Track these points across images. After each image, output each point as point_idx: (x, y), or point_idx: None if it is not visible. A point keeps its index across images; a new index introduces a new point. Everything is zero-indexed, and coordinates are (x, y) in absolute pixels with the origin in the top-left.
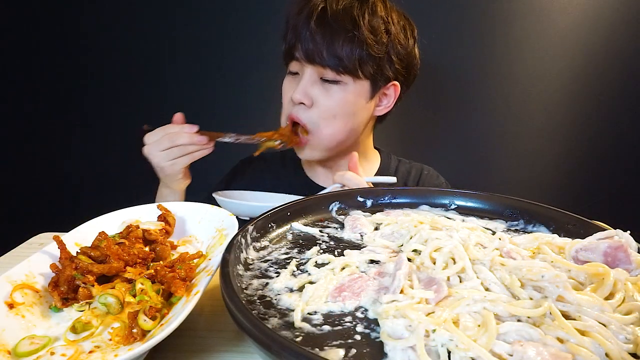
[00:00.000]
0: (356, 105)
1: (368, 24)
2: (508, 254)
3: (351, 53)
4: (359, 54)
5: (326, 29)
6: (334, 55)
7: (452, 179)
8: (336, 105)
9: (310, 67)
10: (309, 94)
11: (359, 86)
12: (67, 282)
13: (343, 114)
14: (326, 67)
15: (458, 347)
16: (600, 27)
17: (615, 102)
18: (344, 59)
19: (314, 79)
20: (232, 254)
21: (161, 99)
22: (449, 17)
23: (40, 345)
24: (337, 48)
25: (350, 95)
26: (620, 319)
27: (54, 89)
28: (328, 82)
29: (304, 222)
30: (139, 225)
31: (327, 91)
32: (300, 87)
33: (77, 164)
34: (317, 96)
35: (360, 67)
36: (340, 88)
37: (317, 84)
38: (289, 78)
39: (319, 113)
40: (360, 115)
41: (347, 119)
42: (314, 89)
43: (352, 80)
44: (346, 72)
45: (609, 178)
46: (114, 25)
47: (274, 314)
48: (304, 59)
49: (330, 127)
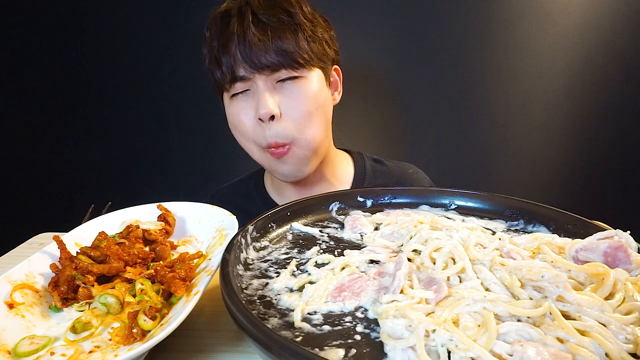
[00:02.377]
0: (322, 94)
1: (301, 12)
2: (508, 254)
3: (298, 43)
4: (305, 41)
5: (265, 29)
6: (284, 52)
7: (452, 179)
8: (307, 103)
9: (262, 76)
10: (275, 103)
11: (315, 75)
12: (67, 282)
13: (316, 107)
14: (280, 68)
15: (458, 347)
16: (600, 27)
17: (615, 102)
18: (295, 51)
19: (270, 86)
20: (232, 254)
21: (161, 99)
22: (449, 17)
23: (40, 345)
24: (284, 44)
25: (314, 86)
26: (620, 319)
27: (54, 89)
28: (285, 82)
29: (304, 222)
30: (139, 225)
31: (290, 92)
32: (262, 101)
33: (77, 164)
34: (284, 102)
35: (311, 54)
36: (300, 83)
37: (275, 90)
38: (238, 100)
39: (293, 120)
40: (328, 106)
41: (320, 114)
42: (275, 97)
43: (307, 71)
44: (301, 65)
45: (609, 178)
46: (114, 25)
47: (274, 314)
48: (252, 70)
49: (311, 127)
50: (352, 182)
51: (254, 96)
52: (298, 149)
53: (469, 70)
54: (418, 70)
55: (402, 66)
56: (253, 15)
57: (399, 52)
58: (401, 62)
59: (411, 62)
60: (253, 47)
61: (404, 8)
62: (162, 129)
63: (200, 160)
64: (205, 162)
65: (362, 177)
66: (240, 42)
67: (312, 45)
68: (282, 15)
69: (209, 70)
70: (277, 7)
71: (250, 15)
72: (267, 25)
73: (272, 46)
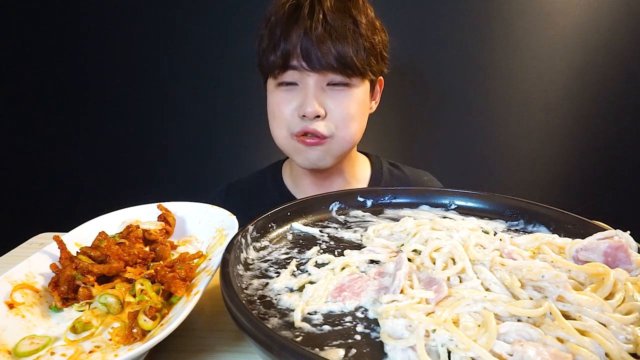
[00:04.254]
0: (365, 106)
1: (366, 21)
2: (509, 254)
3: (358, 53)
4: (365, 53)
5: (331, 32)
6: (342, 58)
7: (452, 179)
8: (351, 109)
9: (315, 75)
10: (322, 104)
11: (363, 87)
12: (67, 282)
13: (359, 115)
14: (336, 71)
15: (458, 347)
16: (600, 27)
17: (615, 102)
18: (353, 60)
19: (321, 86)
20: (232, 254)
21: (161, 99)
22: (449, 17)
23: (40, 345)
24: (344, 50)
25: (361, 95)
26: (620, 319)
27: (54, 88)
28: (335, 85)
29: (304, 222)
30: (139, 225)
31: (339, 97)
32: (310, 100)
33: (77, 164)
34: (328, 104)
35: (368, 65)
36: (350, 90)
37: (326, 91)
38: (282, 91)
39: (335, 122)
40: (367, 115)
41: (361, 120)
42: (324, 98)
43: (359, 81)
44: (356, 74)
45: (608, 178)
46: (114, 25)
47: (274, 314)
48: (307, 67)
49: (349, 129)
50: (369, 183)
51: (301, 92)
52: (333, 144)
53: (468, 70)
54: (417, 70)
55: (401, 66)
56: (323, 15)
57: (398, 52)
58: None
59: (410, 62)
60: (316, 45)
61: (403, 8)
62: (163, 128)
63: (200, 161)
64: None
65: (379, 180)
66: (306, 37)
67: (370, 58)
68: (349, 22)
69: (263, 52)
70: (347, 13)
71: (320, 14)
72: (334, 28)
73: (334, 50)
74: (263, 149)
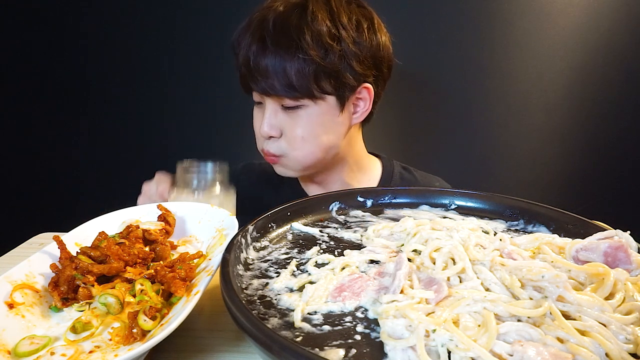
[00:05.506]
0: (325, 124)
1: (311, 40)
2: (509, 254)
3: (302, 75)
4: (311, 75)
5: (270, 56)
6: (286, 83)
7: (452, 179)
8: (303, 131)
9: (269, 99)
10: (275, 125)
11: (323, 104)
12: (67, 282)
13: (312, 136)
14: (282, 97)
15: (458, 347)
16: (600, 27)
17: (615, 102)
18: (296, 84)
19: (275, 108)
20: (232, 254)
21: (161, 99)
22: (449, 17)
23: (40, 345)
24: (286, 75)
25: (316, 116)
26: (620, 319)
27: (54, 88)
28: (290, 109)
29: (304, 222)
30: (139, 225)
31: (292, 118)
32: (265, 122)
33: (77, 164)
34: (283, 126)
35: (316, 87)
36: (304, 112)
37: (280, 113)
38: (256, 108)
39: (287, 141)
40: (336, 130)
41: (318, 140)
42: (278, 120)
43: (312, 102)
44: (304, 97)
45: (608, 178)
46: (114, 25)
47: (274, 314)
48: (257, 90)
49: (301, 150)
50: (378, 185)
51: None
52: (287, 162)
53: (468, 71)
54: (417, 70)
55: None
56: (261, 38)
57: (397, 53)
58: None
59: (410, 62)
60: (258, 73)
61: (403, 8)
62: (163, 128)
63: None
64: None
65: (388, 183)
66: (247, 63)
67: (321, 78)
68: (289, 46)
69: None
70: (287, 36)
71: (258, 38)
72: (272, 51)
73: (274, 74)
74: None
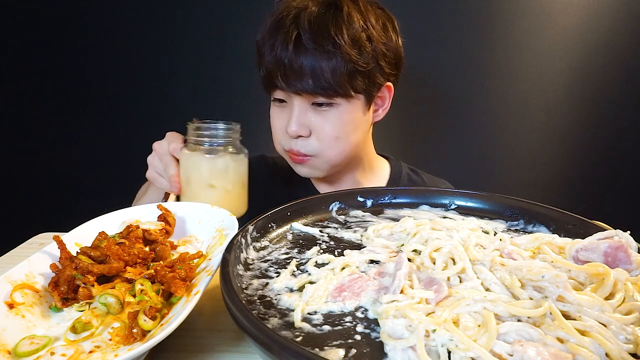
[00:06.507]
0: (355, 122)
1: (348, 39)
2: (509, 254)
3: (338, 74)
4: (347, 74)
5: (307, 55)
6: (321, 81)
7: (452, 179)
8: (336, 129)
9: (297, 97)
10: (304, 124)
11: (354, 102)
12: (67, 282)
13: (345, 134)
14: (315, 94)
15: (458, 347)
16: (600, 27)
17: (615, 102)
18: (332, 82)
19: (305, 107)
20: (232, 254)
21: (161, 99)
22: (449, 17)
23: (40, 345)
24: (322, 72)
25: (348, 114)
26: (620, 319)
27: (54, 88)
28: (321, 106)
29: (304, 222)
30: (139, 225)
31: (323, 116)
32: (293, 120)
33: (77, 164)
34: (313, 124)
35: (351, 85)
36: (335, 110)
37: (310, 111)
38: (276, 107)
39: (319, 140)
40: (361, 129)
41: (350, 138)
42: (308, 118)
43: (345, 100)
44: (338, 95)
45: (608, 178)
46: (114, 25)
47: (274, 314)
48: (288, 90)
49: (334, 149)
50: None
51: (289, 109)
52: (317, 162)
53: (468, 71)
54: (417, 70)
55: None
56: (297, 37)
57: None
58: None
59: (409, 62)
60: (290, 69)
61: (403, 8)
62: (163, 128)
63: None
64: None
65: (396, 184)
66: (283, 60)
67: (355, 77)
68: (327, 45)
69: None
70: (325, 35)
71: (294, 37)
72: (309, 50)
73: (310, 73)
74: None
